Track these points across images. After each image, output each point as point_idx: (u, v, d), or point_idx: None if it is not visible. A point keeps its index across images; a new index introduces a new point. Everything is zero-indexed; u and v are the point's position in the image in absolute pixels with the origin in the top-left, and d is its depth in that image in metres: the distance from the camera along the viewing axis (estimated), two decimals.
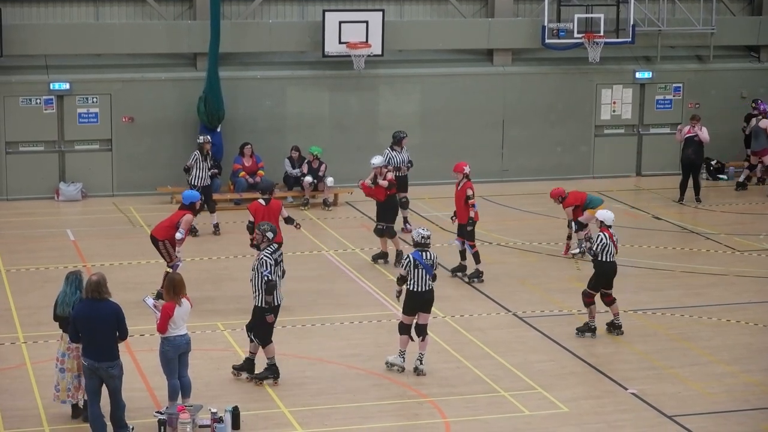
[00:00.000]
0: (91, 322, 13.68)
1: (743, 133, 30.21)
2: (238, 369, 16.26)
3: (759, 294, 20.65)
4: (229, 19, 28.19)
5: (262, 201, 19.46)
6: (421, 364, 16.48)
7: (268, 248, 16.12)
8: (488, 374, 16.60)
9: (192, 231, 24.00)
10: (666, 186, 29.09)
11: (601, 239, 17.85)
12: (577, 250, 22.11)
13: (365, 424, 14.99)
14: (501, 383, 16.28)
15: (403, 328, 16.56)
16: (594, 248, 17.85)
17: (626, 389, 16.15)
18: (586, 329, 18.16)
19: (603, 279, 18.05)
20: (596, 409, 15.50)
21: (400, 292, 16.60)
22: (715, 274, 21.77)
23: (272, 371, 16.09)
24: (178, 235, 19.20)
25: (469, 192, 20.89)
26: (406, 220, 23.89)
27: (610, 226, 18.01)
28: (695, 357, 17.48)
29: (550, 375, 16.65)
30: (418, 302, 16.43)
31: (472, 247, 21.10)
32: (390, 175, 21.90)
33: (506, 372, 16.72)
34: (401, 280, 16.49)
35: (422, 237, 16.57)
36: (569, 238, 22.81)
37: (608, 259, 17.93)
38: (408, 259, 16.42)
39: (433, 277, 16.54)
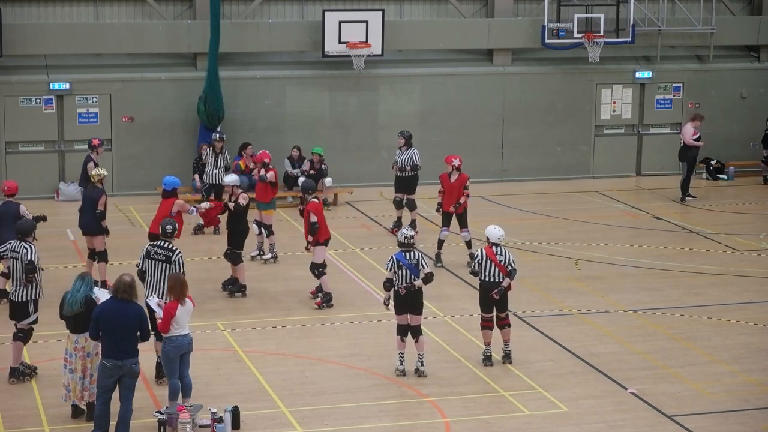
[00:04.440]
0: (115, 322, 13.69)
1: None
2: None
3: (759, 294, 20.65)
4: (229, 19, 28.20)
5: (315, 200, 19.46)
6: (422, 365, 16.45)
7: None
8: (488, 374, 16.60)
9: (198, 229, 24.06)
10: (666, 186, 29.10)
11: (477, 256, 16.67)
12: (269, 255, 21.71)
13: (365, 424, 15.00)
14: (501, 383, 16.28)
15: (399, 329, 16.55)
16: (473, 267, 16.78)
17: (626, 389, 16.15)
18: (484, 357, 16.95)
19: (486, 300, 16.71)
20: (596, 408, 15.50)
21: (388, 300, 16.44)
22: (715, 274, 21.77)
23: None
24: (192, 211, 19.61)
25: (467, 184, 21.49)
26: (413, 223, 23.81)
27: (496, 244, 16.58)
28: (695, 357, 17.48)
29: (550, 375, 16.65)
30: (406, 303, 16.40)
31: (468, 233, 21.67)
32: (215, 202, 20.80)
33: (506, 372, 16.72)
34: (387, 284, 16.37)
35: (406, 238, 16.51)
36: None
37: (485, 279, 16.57)
38: (391, 260, 16.39)
39: (427, 278, 16.43)
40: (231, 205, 19.93)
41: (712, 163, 30.50)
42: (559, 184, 29.47)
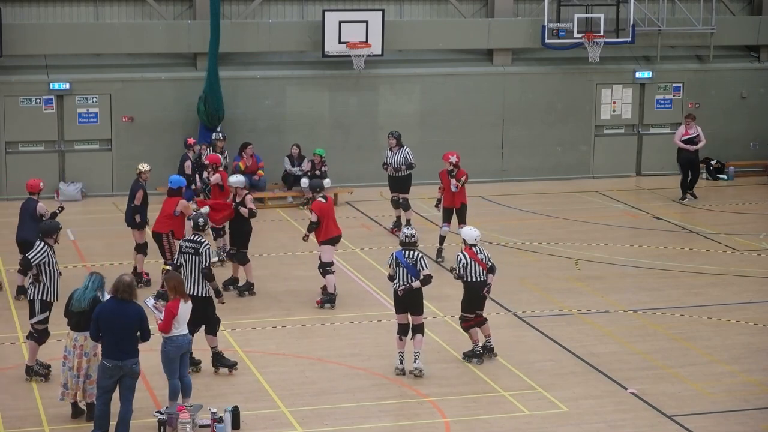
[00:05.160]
0: (115, 322, 13.72)
1: None
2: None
3: (759, 294, 20.65)
4: (229, 19, 28.20)
5: (321, 199, 19.46)
6: (415, 362, 16.39)
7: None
8: (488, 374, 16.60)
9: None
10: (666, 186, 29.10)
11: (461, 259, 16.75)
12: (215, 258, 20.50)
13: (365, 424, 15.00)
14: (501, 383, 16.28)
15: (399, 329, 16.56)
16: (458, 271, 16.87)
17: (626, 389, 16.15)
18: (473, 355, 17.01)
19: (473, 301, 16.92)
20: (596, 408, 15.51)
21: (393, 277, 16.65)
22: (715, 274, 21.77)
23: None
24: (204, 210, 19.77)
25: (462, 179, 21.63)
26: (408, 223, 23.81)
27: (473, 245, 16.81)
28: (695, 357, 17.48)
29: (550, 375, 16.65)
30: (405, 303, 16.44)
31: None
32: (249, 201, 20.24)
33: (506, 372, 16.72)
34: (390, 279, 16.59)
35: (407, 237, 16.56)
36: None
37: (472, 279, 16.77)
38: (391, 258, 16.47)
39: (425, 280, 16.39)
40: (244, 211, 19.94)
41: (712, 163, 30.51)
42: (559, 184, 29.47)
